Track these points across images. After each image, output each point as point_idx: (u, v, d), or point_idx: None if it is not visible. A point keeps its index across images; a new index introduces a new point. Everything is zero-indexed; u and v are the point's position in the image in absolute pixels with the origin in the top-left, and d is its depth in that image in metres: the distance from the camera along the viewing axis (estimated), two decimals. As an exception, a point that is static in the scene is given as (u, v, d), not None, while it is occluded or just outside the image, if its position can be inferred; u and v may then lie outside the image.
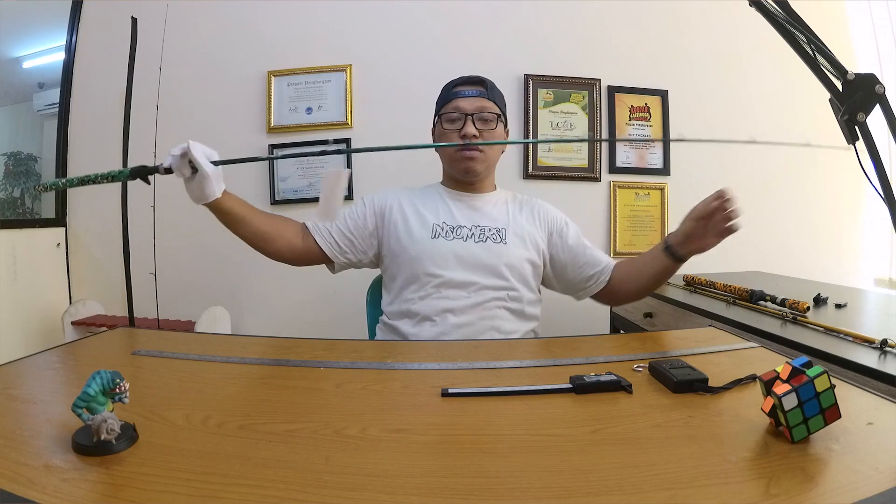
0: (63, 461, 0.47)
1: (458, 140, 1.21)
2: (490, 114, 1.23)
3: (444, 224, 1.23)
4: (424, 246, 1.19)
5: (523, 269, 1.21)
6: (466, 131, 1.20)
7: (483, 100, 1.23)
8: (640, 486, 0.44)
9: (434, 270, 1.17)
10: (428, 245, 1.19)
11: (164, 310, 2.17)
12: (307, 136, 2.35)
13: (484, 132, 1.22)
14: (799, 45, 0.58)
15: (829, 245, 2.46)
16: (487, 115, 1.23)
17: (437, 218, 1.24)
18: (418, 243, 1.20)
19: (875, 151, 0.55)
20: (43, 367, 0.76)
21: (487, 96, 1.24)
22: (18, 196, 2.38)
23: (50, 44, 2.39)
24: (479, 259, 1.18)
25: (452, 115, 1.23)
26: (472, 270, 1.17)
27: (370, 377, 0.74)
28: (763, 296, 1.44)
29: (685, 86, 2.46)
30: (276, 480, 0.45)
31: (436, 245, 1.19)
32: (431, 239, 1.20)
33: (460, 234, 1.21)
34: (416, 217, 1.24)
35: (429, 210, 1.25)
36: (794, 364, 0.53)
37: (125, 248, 2.06)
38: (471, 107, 1.22)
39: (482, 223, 1.23)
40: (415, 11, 2.36)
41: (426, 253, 1.18)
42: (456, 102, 1.23)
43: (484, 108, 1.22)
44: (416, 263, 1.18)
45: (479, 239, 1.21)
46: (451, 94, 1.26)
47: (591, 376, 0.67)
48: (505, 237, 1.22)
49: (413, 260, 1.19)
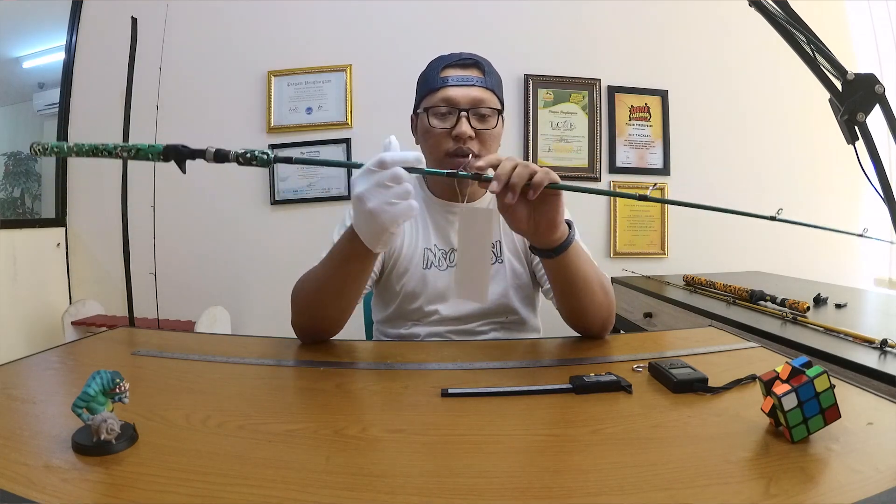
0: (63, 461, 0.47)
1: (449, 141, 0.97)
2: (489, 109, 0.97)
3: (436, 248, 1.04)
4: (416, 280, 1.02)
5: (520, 284, 1.06)
6: (460, 131, 0.95)
7: (480, 89, 0.97)
8: (640, 486, 0.44)
9: (428, 308, 1.02)
10: (419, 277, 1.02)
11: (164, 310, 2.17)
12: (307, 136, 2.35)
13: (482, 132, 0.97)
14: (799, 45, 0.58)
15: (828, 245, 2.46)
16: (485, 111, 0.97)
17: (427, 241, 1.05)
18: (410, 277, 1.02)
19: (875, 151, 0.55)
20: (43, 367, 0.76)
21: (485, 84, 0.98)
22: (18, 196, 2.38)
23: (50, 44, 2.40)
24: None
25: (441, 108, 0.97)
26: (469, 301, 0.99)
27: (370, 377, 0.74)
28: (763, 296, 1.44)
29: (685, 86, 2.46)
30: (276, 480, 0.45)
31: (427, 277, 1.02)
32: (423, 269, 1.03)
33: (453, 259, 1.03)
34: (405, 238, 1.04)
35: (419, 229, 1.05)
36: (793, 364, 0.53)
37: (125, 248, 2.06)
38: (465, 99, 0.96)
39: None
40: (415, 11, 2.37)
41: (418, 289, 1.02)
42: (446, 92, 0.97)
43: (481, 102, 0.97)
44: (408, 300, 1.03)
45: None
46: (438, 80, 0.98)
47: (591, 376, 0.67)
48: (500, 253, 1.05)
49: (405, 297, 1.03)
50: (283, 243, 2.34)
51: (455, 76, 0.98)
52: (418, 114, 1.03)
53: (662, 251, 2.46)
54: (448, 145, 0.97)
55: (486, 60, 1.02)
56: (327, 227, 1.04)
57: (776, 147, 2.49)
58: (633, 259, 2.44)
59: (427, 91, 1.00)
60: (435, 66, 1.01)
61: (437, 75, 0.99)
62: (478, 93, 0.97)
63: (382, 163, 0.67)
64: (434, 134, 0.98)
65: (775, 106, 2.48)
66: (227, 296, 2.35)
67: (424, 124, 0.99)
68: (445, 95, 0.97)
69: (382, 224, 0.69)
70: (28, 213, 2.42)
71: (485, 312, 1.04)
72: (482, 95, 0.97)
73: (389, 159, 0.67)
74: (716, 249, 2.44)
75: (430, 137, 0.99)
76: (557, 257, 0.81)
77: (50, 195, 2.41)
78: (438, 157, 0.99)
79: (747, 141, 2.48)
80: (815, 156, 2.48)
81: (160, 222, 2.13)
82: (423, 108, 1.00)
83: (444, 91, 0.97)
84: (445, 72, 0.99)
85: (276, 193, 2.36)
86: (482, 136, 0.98)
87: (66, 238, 2.39)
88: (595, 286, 0.88)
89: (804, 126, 2.45)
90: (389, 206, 0.68)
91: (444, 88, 0.97)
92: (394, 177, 0.67)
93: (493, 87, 1.00)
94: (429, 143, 1.00)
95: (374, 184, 0.67)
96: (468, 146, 0.96)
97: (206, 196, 2.35)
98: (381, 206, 0.68)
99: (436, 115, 0.98)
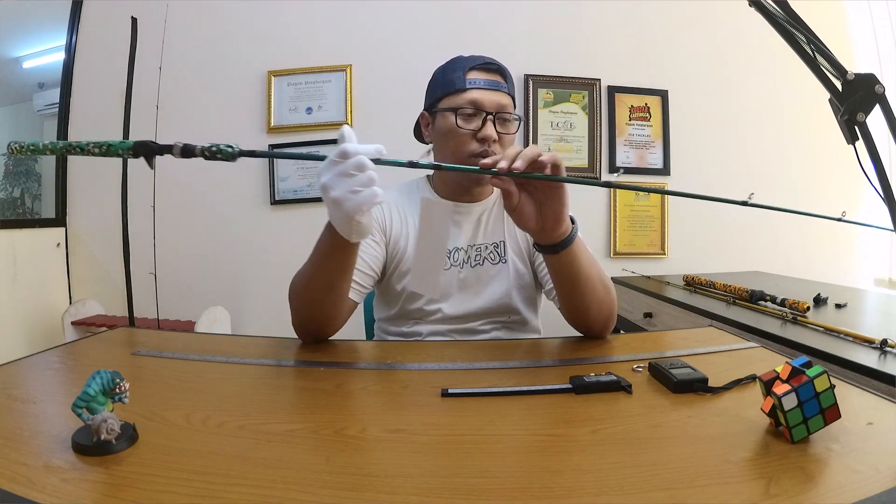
0: (63, 461, 0.47)
1: (473, 142, 0.98)
2: (510, 115, 1.01)
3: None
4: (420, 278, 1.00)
5: (523, 285, 1.06)
6: (487, 134, 0.97)
7: (503, 94, 1.00)
8: (640, 486, 0.44)
9: (430, 307, 1.03)
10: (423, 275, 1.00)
11: (164, 310, 2.17)
12: (307, 136, 2.35)
13: (503, 136, 1.00)
14: (799, 45, 0.58)
15: (828, 245, 2.46)
16: (508, 116, 1.00)
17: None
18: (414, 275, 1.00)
19: (875, 151, 0.55)
20: (43, 367, 0.76)
21: (508, 90, 1.02)
22: (18, 196, 2.39)
23: (50, 44, 2.40)
24: (480, 287, 1.04)
25: (468, 110, 0.98)
26: (472, 301, 1.03)
27: (370, 377, 0.74)
28: (763, 296, 1.44)
29: (685, 86, 2.46)
30: (276, 480, 0.45)
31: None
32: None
33: (457, 259, 1.05)
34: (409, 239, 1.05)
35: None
36: (793, 364, 0.53)
37: (125, 248, 2.06)
38: (491, 103, 0.98)
39: (479, 241, 1.07)
40: (415, 11, 2.37)
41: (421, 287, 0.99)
42: (472, 94, 0.98)
43: (505, 107, 1.00)
44: (410, 300, 1.04)
45: (476, 262, 1.05)
46: (463, 81, 0.99)
47: (591, 376, 0.67)
48: (504, 253, 1.06)
49: (408, 297, 1.04)
50: (283, 243, 2.34)
51: (482, 80, 1.00)
52: (434, 112, 1.04)
53: (662, 251, 2.46)
54: (472, 146, 0.99)
55: (505, 67, 1.04)
56: (327, 228, 1.03)
57: (776, 147, 2.49)
58: (633, 259, 2.44)
59: (450, 91, 1.00)
60: (458, 67, 1.01)
61: (462, 76, 1.00)
62: (502, 98, 1.00)
63: (345, 153, 0.67)
64: (458, 134, 0.99)
65: (775, 106, 2.48)
66: (227, 296, 2.35)
67: (449, 124, 1.00)
68: (472, 97, 0.98)
69: (347, 212, 0.69)
70: (28, 213, 2.42)
71: (487, 312, 1.04)
72: (506, 101, 1.00)
73: (352, 150, 0.67)
74: (716, 249, 2.44)
75: (452, 137, 1.00)
76: (561, 253, 0.82)
77: (50, 195, 2.41)
78: (461, 157, 0.99)
79: (747, 141, 2.48)
80: (815, 156, 2.48)
81: (160, 222, 2.13)
82: (447, 107, 1.00)
83: (472, 93, 0.98)
84: (471, 74, 1.00)
85: (276, 193, 2.36)
86: (503, 140, 1.00)
87: (66, 238, 2.39)
88: (597, 284, 0.88)
89: (804, 126, 2.45)
90: (353, 193, 0.68)
91: (471, 91, 0.99)
92: (357, 165, 0.67)
93: (513, 94, 1.03)
94: (450, 143, 1.01)
95: (338, 173, 0.68)
96: (493, 148, 0.98)
97: (205, 196, 2.35)
98: (344, 194, 0.68)
99: (462, 116, 0.99)
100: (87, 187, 2.39)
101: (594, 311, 0.90)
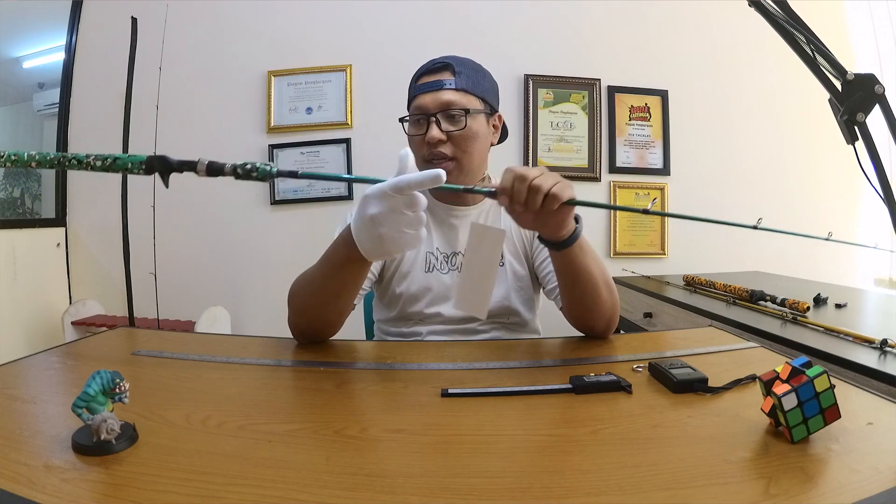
0: (63, 461, 0.47)
1: (424, 146, 0.99)
2: (457, 110, 0.97)
3: (438, 252, 1.06)
4: (418, 284, 1.03)
5: (521, 286, 1.06)
6: (430, 136, 0.97)
7: (448, 92, 0.98)
8: (640, 486, 0.44)
9: (430, 310, 1.03)
10: (421, 281, 1.03)
11: (164, 310, 2.17)
12: (307, 136, 2.35)
13: (453, 134, 0.98)
14: (798, 45, 0.58)
15: (828, 245, 2.45)
16: (454, 112, 0.97)
17: (429, 244, 1.06)
18: (413, 281, 1.03)
19: (875, 152, 0.55)
20: (43, 367, 0.76)
21: (455, 86, 0.99)
22: (18, 196, 2.38)
23: (50, 44, 2.40)
24: None
25: (416, 116, 1.00)
26: None
27: (370, 377, 0.74)
28: (763, 296, 1.44)
29: (685, 86, 2.46)
30: (276, 480, 0.45)
31: (430, 281, 1.04)
32: (425, 273, 1.04)
33: (455, 263, 1.05)
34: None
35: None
36: (793, 364, 0.53)
37: (125, 248, 2.06)
38: (433, 104, 0.98)
39: None
40: (415, 11, 2.37)
41: (420, 292, 1.03)
42: (417, 100, 1.00)
43: (450, 104, 0.97)
44: (410, 302, 1.04)
45: None
46: (414, 88, 1.02)
47: (591, 376, 0.67)
48: (502, 255, 1.05)
49: (407, 300, 1.04)
50: (282, 243, 2.35)
51: (424, 83, 1.01)
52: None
53: (662, 251, 2.46)
54: (423, 151, 1.00)
55: (462, 61, 1.02)
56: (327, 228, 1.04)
57: (776, 147, 2.49)
58: (633, 259, 2.44)
59: (409, 102, 1.04)
60: (414, 77, 1.04)
61: (414, 85, 1.03)
62: (447, 95, 0.98)
63: (399, 188, 0.64)
64: (413, 141, 1.01)
65: (775, 106, 2.48)
66: (227, 296, 2.35)
67: (407, 133, 1.03)
68: (417, 103, 1.00)
69: (388, 249, 0.68)
70: (28, 213, 2.42)
71: (487, 314, 1.04)
72: (451, 98, 0.98)
73: (406, 184, 0.63)
74: (716, 249, 2.44)
75: (412, 145, 1.01)
76: (564, 251, 0.82)
77: (50, 195, 2.41)
78: (421, 164, 1.00)
79: (747, 141, 2.48)
80: (814, 156, 2.48)
81: (160, 222, 2.13)
82: (402, 118, 1.04)
83: (417, 99, 1.00)
84: (421, 80, 1.02)
85: (276, 193, 2.36)
86: (454, 137, 0.98)
87: (66, 238, 2.39)
88: (600, 283, 0.88)
89: (804, 126, 2.45)
90: (400, 234, 0.66)
91: (417, 96, 1.00)
92: (411, 203, 0.65)
93: (467, 87, 1.00)
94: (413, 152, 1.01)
95: (390, 209, 0.65)
96: (440, 150, 0.98)
97: (206, 196, 2.35)
98: (392, 232, 0.66)
99: (412, 122, 1.02)
100: (87, 187, 2.39)
101: (597, 310, 0.90)
